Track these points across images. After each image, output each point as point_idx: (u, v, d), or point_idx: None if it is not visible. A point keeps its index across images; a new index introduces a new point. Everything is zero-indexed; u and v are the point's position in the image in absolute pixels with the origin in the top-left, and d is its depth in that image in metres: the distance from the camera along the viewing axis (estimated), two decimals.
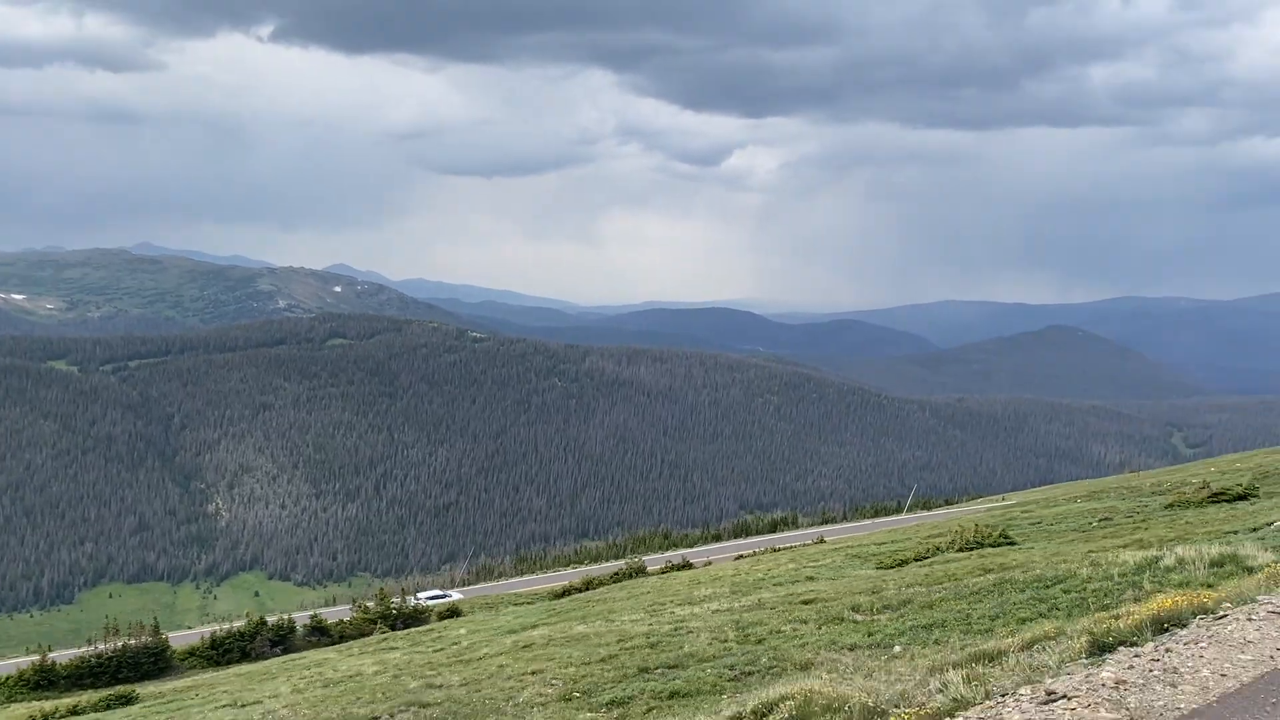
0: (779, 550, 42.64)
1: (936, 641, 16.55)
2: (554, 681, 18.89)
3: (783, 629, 20.82)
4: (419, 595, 54.98)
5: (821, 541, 45.20)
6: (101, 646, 28.61)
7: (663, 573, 38.87)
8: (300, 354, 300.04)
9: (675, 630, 22.25)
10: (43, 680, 26.74)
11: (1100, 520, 36.34)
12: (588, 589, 35.30)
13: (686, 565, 38.44)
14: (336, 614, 43.81)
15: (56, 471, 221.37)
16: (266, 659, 28.64)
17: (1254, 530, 24.07)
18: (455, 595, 54.42)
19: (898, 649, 16.88)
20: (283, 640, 29.46)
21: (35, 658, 30.68)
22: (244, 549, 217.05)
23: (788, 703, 9.55)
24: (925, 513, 68.59)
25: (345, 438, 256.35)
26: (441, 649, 25.31)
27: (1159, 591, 14.85)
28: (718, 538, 58.87)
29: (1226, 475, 45.35)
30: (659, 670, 18.72)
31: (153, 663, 28.05)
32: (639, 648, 20.81)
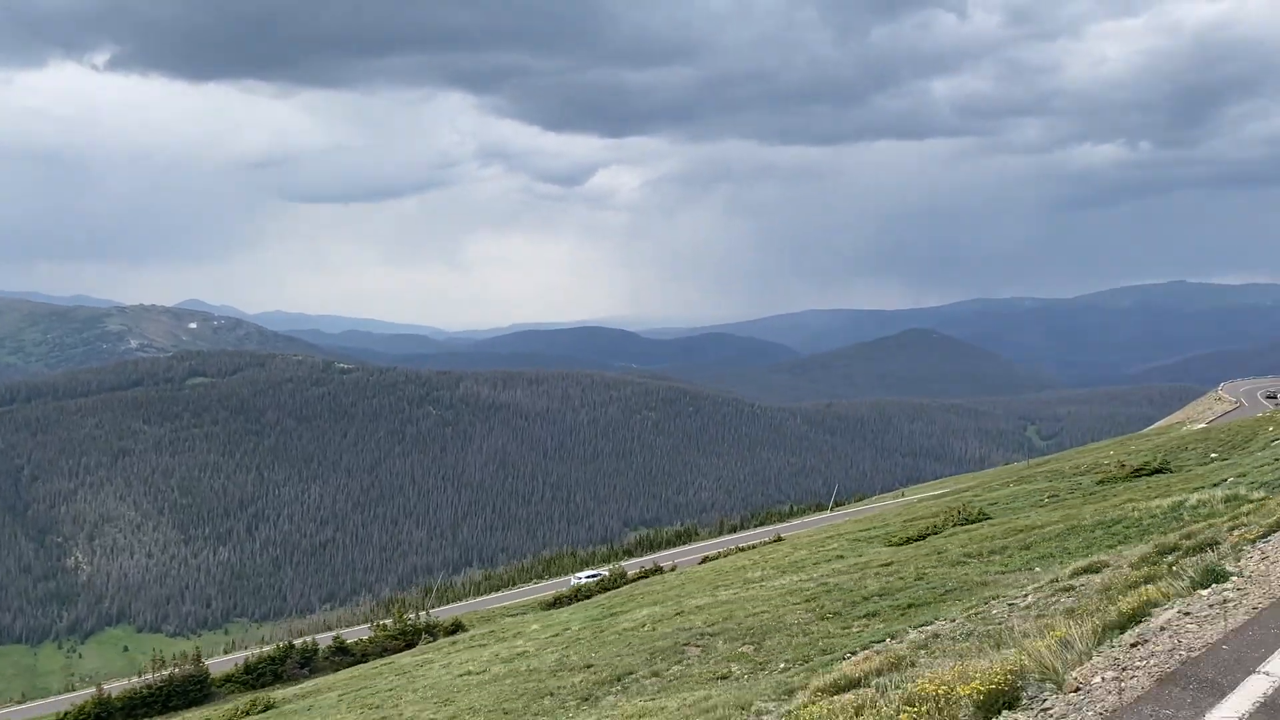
0: (754, 547, 42.92)
1: (1061, 565, 18.72)
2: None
3: (927, 572, 22.50)
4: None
5: (780, 540, 46.33)
6: (150, 677, 28.54)
7: (643, 576, 38.94)
8: (159, 395, 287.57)
9: (821, 586, 23.53)
10: (101, 713, 26.57)
11: (1050, 497, 39.15)
12: (590, 595, 34.95)
13: (659, 570, 38.52)
14: (319, 638, 42.73)
15: None
16: (299, 681, 28.73)
17: (1214, 486, 27.17)
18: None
19: (1039, 570, 19.00)
20: (308, 662, 29.42)
21: (90, 691, 30.33)
22: (109, 602, 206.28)
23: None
24: (852, 508, 70.71)
25: (213, 479, 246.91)
26: (556, 635, 25.91)
27: (1200, 521, 17.40)
28: (629, 553, 59.83)
29: (1132, 456, 49.35)
30: (869, 600, 20.47)
31: (198, 689, 28.09)
32: (817, 594, 22.24)
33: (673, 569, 37.33)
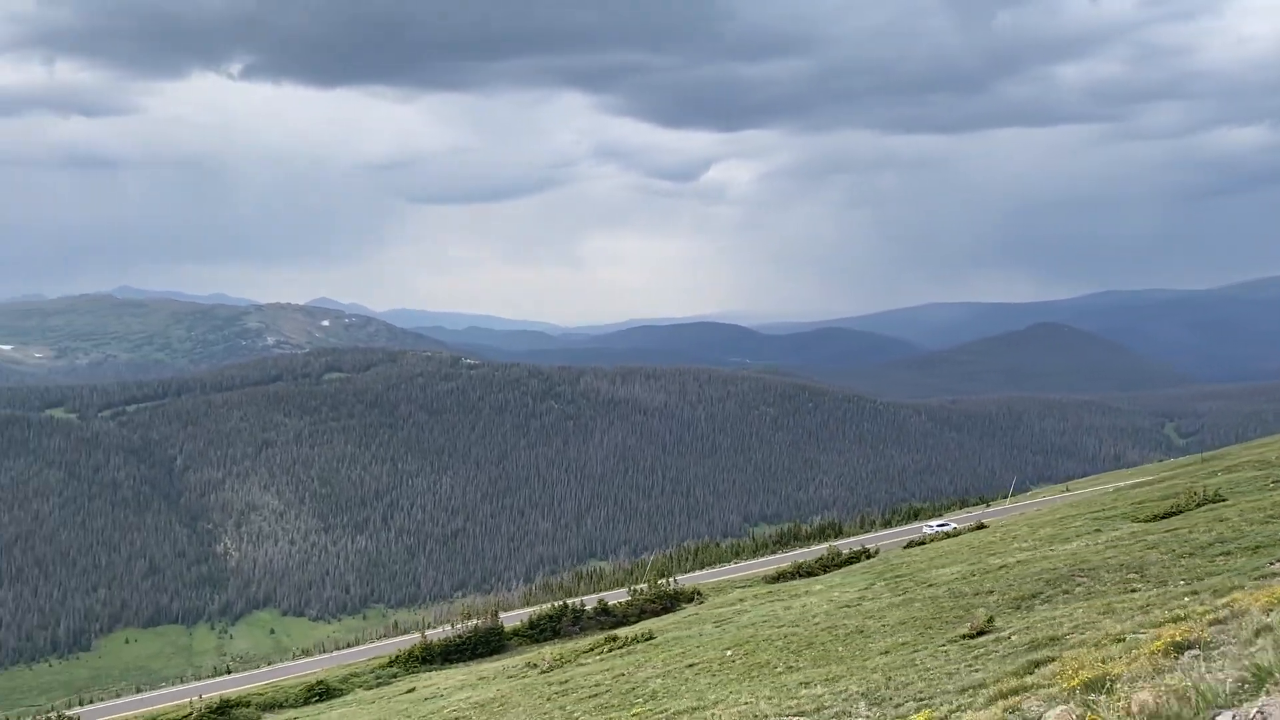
0: (959, 532, 42.29)
1: None
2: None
3: (1225, 532, 23.61)
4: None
5: (984, 526, 46.22)
6: (459, 627, 32.01)
7: (854, 558, 38.41)
8: (298, 389, 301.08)
9: (1139, 542, 24.86)
10: (426, 655, 30.41)
11: (1274, 481, 38.53)
12: (804, 574, 35.85)
13: (866, 551, 38.84)
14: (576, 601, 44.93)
15: (65, 519, 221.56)
16: (574, 637, 31.40)
17: None
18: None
19: None
20: (578, 620, 32.03)
21: (415, 637, 34.59)
22: (256, 587, 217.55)
23: None
24: (1025, 501, 69.88)
25: (350, 470, 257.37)
26: (863, 590, 27.42)
27: None
28: (781, 546, 60.45)
29: None
30: (1211, 546, 22.35)
31: (496, 640, 31.38)
32: (1155, 544, 23.74)
33: (876, 552, 37.91)
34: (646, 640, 25.47)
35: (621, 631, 28.44)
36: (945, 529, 59.55)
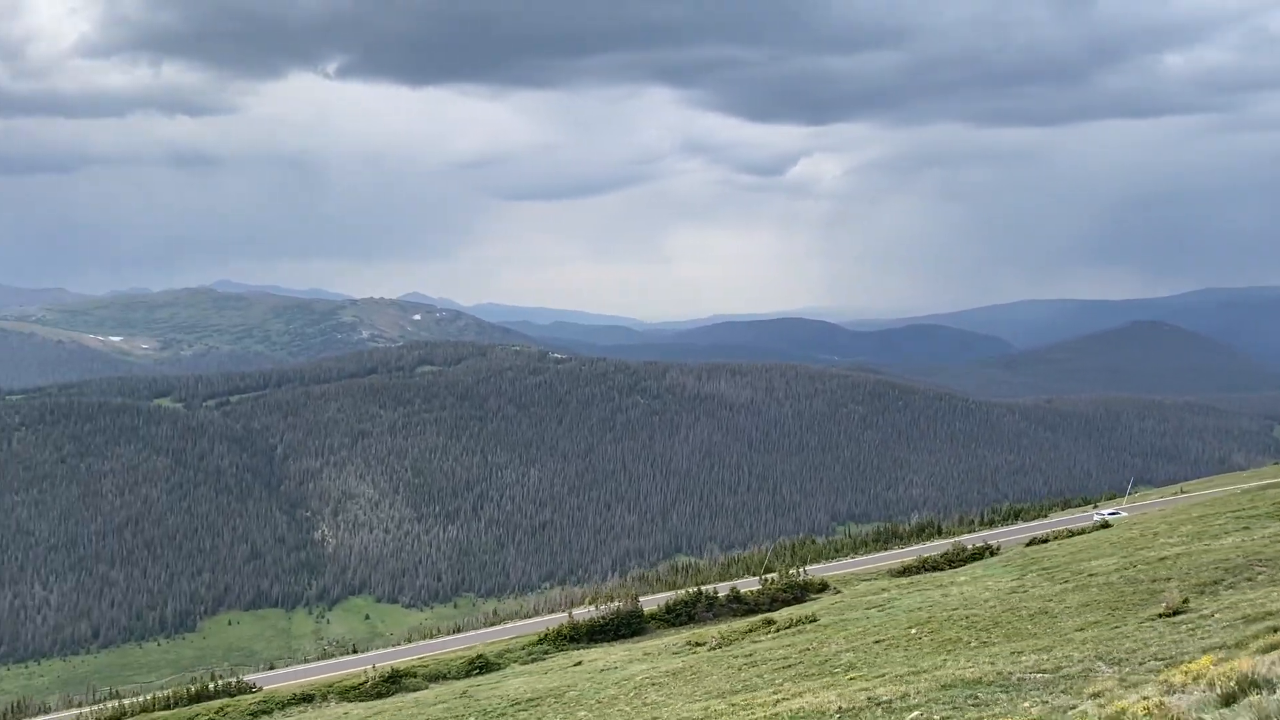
0: (1073, 533, 41.64)
1: None
2: None
3: None
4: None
5: (1107, 525, 45.44)
6: (603, 608, 33.46)
7: (975, 556, 37.90)
8: (392, 382, 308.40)
9: None
10: (574, 633, 31.98)
11: None
12: (936, 568, 35.91)
13: (989, 548, 38.44)
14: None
15: (172, 505, 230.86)
16: (708, 622, 32.41)
17: None
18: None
19: None
20: (711, 606, 32.99)
21: (561, 616, 36.32)
22: (351, 574, 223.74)
23: None
24: (1143, 501, 68.35)
25: (441, 461, 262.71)
26: (1016, 580, 27.74)
27: None
28: (883, 544, 60.12)
29: None
30: None
31: (636, 622, 32.71)
32: None
33: (998, 549, 37.61)
34: (811, 623, 25.93)
35: (776, 615, 28.96)
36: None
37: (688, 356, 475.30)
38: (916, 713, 13.56)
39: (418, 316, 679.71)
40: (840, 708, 14.41)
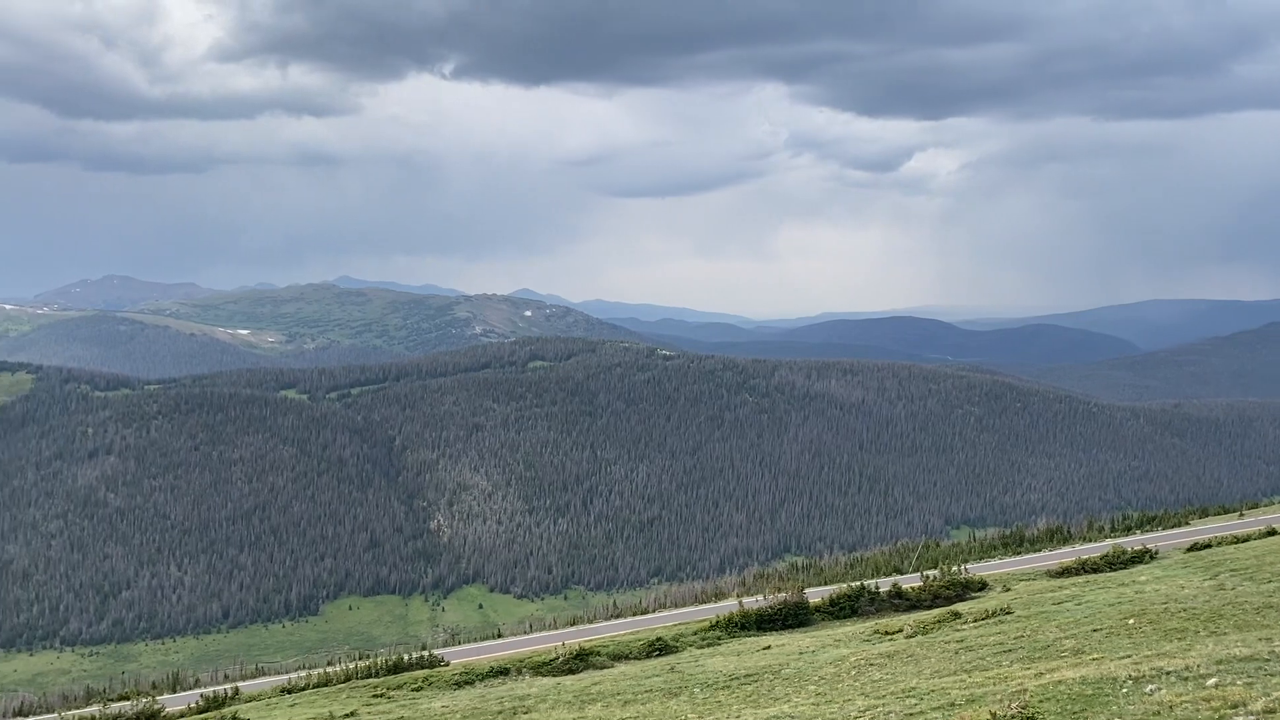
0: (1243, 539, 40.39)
1: None
2: None
3: None
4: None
5: (1274, 532, 43.63)
6: (771, 598, 34.60)
7: (1135, 558, 36.92)
8: (505, 377, 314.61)
9: None
10: (743, 622, 33.18)
11: None
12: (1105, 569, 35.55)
13: (1147, 552, 37.69)
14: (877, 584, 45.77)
15: (296, 493, 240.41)
16: (872, 616, 33.09)
17: None
18: None
19: None
20: (873, 601, 33.59)
21: (732, 603, 37.68)
22: (466, 563, 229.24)
23: None
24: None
25: (552, 455, 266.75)
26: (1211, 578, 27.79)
27: None
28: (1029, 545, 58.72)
29: None
30: None
31: (803, 614, 33.67)
32: None
33: (1156, 553, 36.59)
34: (1005, 614, 25.96)
35: (959, 608, 28.95)
36: None
37: (796, 354, 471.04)
38: (1214, 679, 13.50)
39: (528, 312, 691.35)
40: (1131, 676, 14.39)
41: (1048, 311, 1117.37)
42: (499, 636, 52.90)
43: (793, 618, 33.69)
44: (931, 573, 38.10)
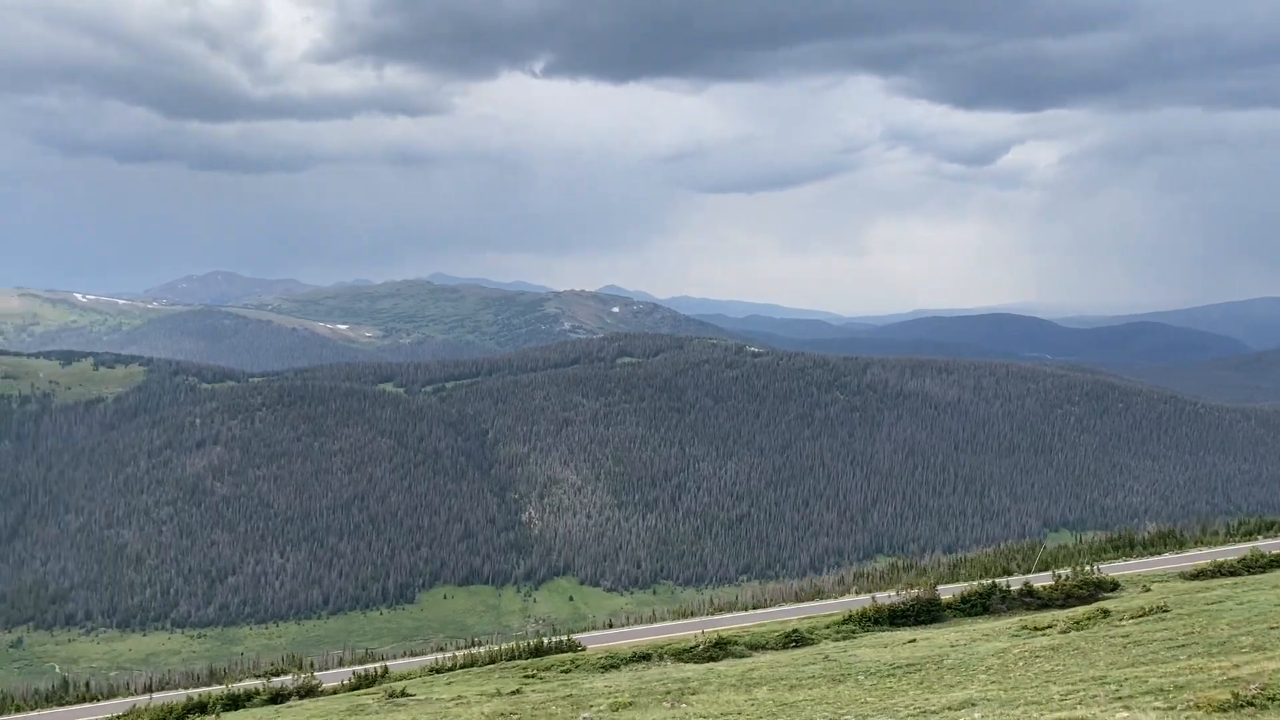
0: None
1: None
2: None
3: None
4: None
5: None
6: (904, 594, 35.16)
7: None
8: (594, 372, 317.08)
9: None
10: (876, 617, 33.84)
11: None
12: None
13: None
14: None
15: (394, 483, 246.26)
16: (1003, 615, 33.23)
17: None
18: None
19: None
20: (1005, 599, 33.73)
21: (865, 599, 38.36)
22: (556, 555, 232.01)
23: None
24: None
25: (640, 451, 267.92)
26: None
27: None
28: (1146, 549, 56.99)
29: None
30: None
31: (935, 610, 34.09)
32: None
33: None
34: (1163, 612, 25.57)
35: (1109, 606, 28.60)
36: None
37: (888, 352, 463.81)
38: None
39: (616, 309, 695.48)
40: None
41: (1151, 309, 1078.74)
42: (610, 626, 53.55)
43: (925, 614, 33.58)
44: (1063, 572, 37.45)
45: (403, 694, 28.13)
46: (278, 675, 35.59)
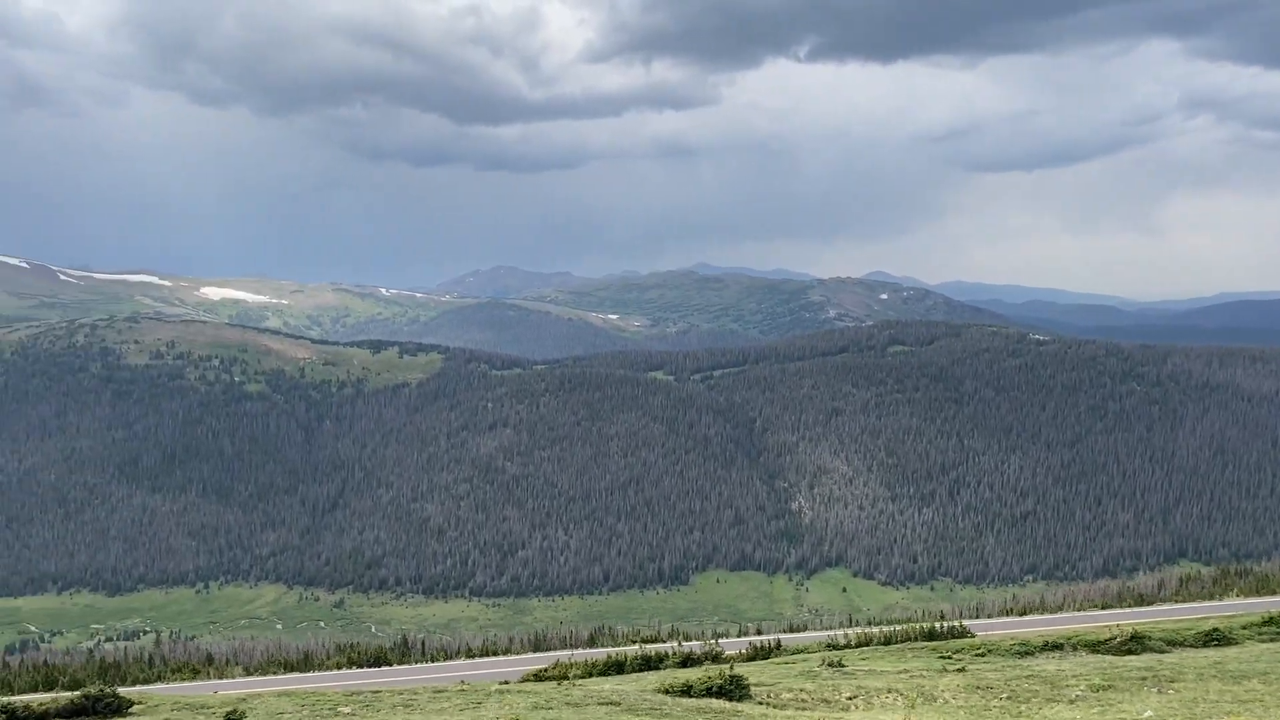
0: None
1: None
2: None
3: None
4: None
5: None
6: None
7: None
8: (863, 361, 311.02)
9: None
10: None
11: None
12: None
13: None
14: None
15: (666, 468, 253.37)
16: None
17: None
18: None
19: None
20: None
21: (1210, 605, 38.48)
22: (828, 546, 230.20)
23: None
24: None
25: (915, 443, 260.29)
26: None
27: None
28: None
29: None
30: None
31: None
32: None
33: None
34: None
35: None
36: None
37: (1190, 339, 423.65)
38: None
39: (884, 295, 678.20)
40: None
41: None
42: (975, 616, 52.73)
43: None
44: None
45: (840, 664, 28.82)
46: (689, 640, 38.39)
